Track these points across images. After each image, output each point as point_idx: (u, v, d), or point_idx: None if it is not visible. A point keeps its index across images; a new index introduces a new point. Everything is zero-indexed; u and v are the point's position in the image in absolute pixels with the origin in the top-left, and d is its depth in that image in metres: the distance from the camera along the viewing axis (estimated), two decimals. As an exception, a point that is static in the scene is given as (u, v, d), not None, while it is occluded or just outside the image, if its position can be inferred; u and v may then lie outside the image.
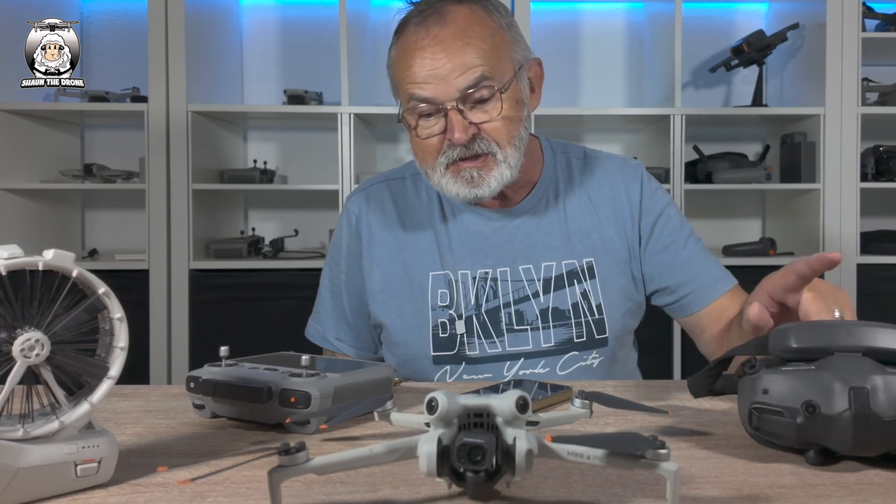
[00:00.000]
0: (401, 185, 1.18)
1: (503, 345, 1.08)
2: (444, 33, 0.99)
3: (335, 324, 1.20)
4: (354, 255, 1.16)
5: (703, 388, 0.73)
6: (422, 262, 1.12)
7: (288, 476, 0.50)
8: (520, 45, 1.05)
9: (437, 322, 1.09)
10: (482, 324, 1.09)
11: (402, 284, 1.12)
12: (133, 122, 2.58)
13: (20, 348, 0.52)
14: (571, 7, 2.87)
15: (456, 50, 0.98)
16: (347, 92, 2.44)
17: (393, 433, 0.72)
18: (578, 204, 1.14)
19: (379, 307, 1.13)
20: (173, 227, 2.44)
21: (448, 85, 0.98)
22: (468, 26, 1.00)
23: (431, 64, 0.98)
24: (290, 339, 1.26)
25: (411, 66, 1.00)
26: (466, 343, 1.08)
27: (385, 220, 1.15)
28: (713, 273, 1.14)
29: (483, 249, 1.11)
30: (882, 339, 0.62)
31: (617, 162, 1.19)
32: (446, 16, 1.00)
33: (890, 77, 2.70)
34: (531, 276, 1.10)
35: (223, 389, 0.75)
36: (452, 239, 1.12)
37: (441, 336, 1.09)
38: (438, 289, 1.10)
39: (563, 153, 1.19)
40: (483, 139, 1.00)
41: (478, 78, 0.98)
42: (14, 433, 0.53)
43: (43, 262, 0.54)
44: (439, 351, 1.09)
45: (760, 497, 0.56)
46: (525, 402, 0.52)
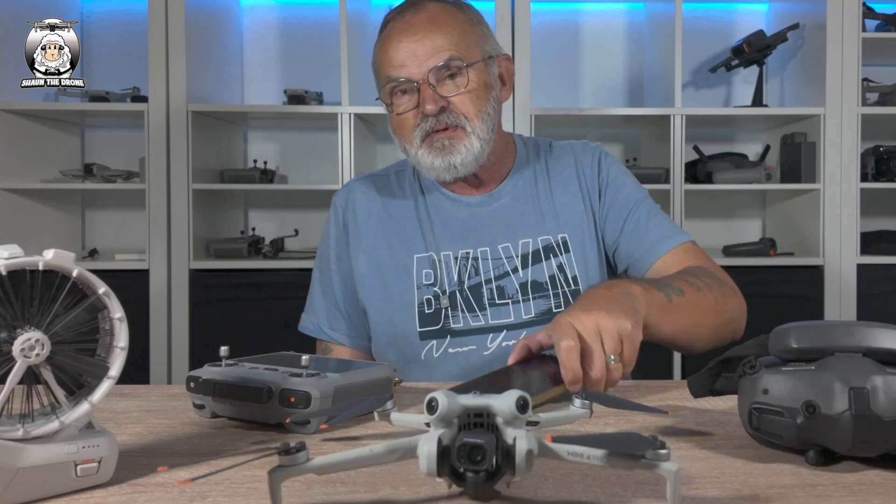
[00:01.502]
0: (384, 180, 1.27)
1: (486, 318, 1.13)
2: (416, 19, 1.11)
3: (328, 314, 1.24)
4: (342, 246, 1.23)
5: (703, 388, 0.74)
6: (406, 246, 1.18)
7: (288, 476, 0.50)
8: (489, 39, 1.17)
9: (422, 299, 1.15)
10: (465, 299, 1.14)
11: (388, 267, 1.18)
12: (133, 121, 2.58)
13: (20, 348, 0.52)
14: (571, 7, 2.87)
15: (428, 33, 1.10)
16: (347, 92, 2.44)
17: (393, 433, 0.72)
18: (549, 186, 1.22)
19: (366, 290, 1.19)
20: (173, 226, 2.44)
21: (420, 63, 1.09)
22: (440, 15, 1.12)
23: (406, 46, 1.10)
24: (290, 339, 1.26)
25: (388, 50, 1.12)
26: (451, 317, 1.14)
27: (370, 210, 1.23)
28: (656, 234, 1.17)
29: (464, 232, 1.18)
30: (882, 340, 0.62)
31: (578, 145, 1.28)
32: (420, 6, 1.13)
33: (890, 77, 2.70)
34: (510, 253, 1.17)
35: (223, 389, 0.75)
36: (434, 225, 1.19)
37: (427, 312, 1.14)
38: (423, 269, 1.17)
39: (534, 145, 1.29)
40: (452, 112, 1.10)
41: (447, 59, 1.09)
42: (14, 433, 0.53)
43: (43, 261, 0.54)
44: (425, 326, 1.14)
45: (760, 497, 0.56)
46: (525, 402, 0.52)
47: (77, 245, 2.75)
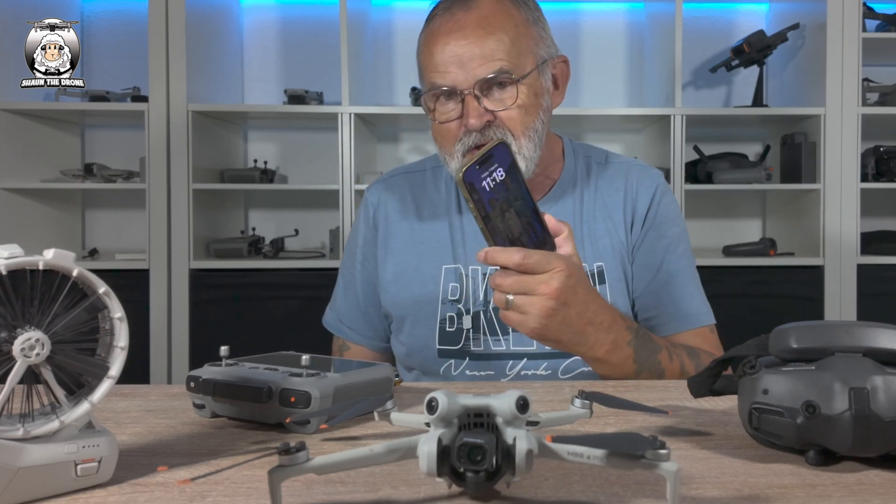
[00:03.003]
0: (420, 178, 1.20)
1: (507, 343, 1.08)
2: (467, 19, 1.00)
3: (349, 313, 1.21)
4: (370, 245, 1.18)
5: (703, 388, 0.73)
6: (435, 255, 1.13)
7: (288, 476, 0.50)
8: (545, 41, 1.06)
9: (444, 316, 1.10)
10: (489, 321, 1.09)
11: (414, 276, 1.13)
12: (133, 121, 2.59)
13: (20, 348, 0.52)
14: (571, 7, 2.87)
15: (478, 38, 0.99)
16: (348, 92, 2.44)
17: (393, 433, 0.72)
18: (594, 207, 1.14)
19: (390, 297, 1.14)
20: (173, 226, 2.44)
21: (467, 72, 0.99)
22: (493, 15, 1.01)
23: (453, 50, 1.00)
24: (290, 338, 1.27)
25: (433, 52, 1.01)
26: (472, 339, 1.09)
27: (402, 211, 1.17)
28: (684, 307, 1.10)
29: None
30: (882, 340, 0.62)
31: (636, 168, 1.17)
32: (472, 4, 1.01)
33: (890, 77, 2.70)
34: None
35: (223, 389, 0.75)
36: (466, 233, 1.13)
37: (448, 330, 1.09)
38: (450, 282, 1.11)
39: (585, 155, 1.19)
40: (498, 127, 1.01)
41: (497, 71, 0.99)
42: (14, 433, 0.53)
43: (43, 261, 0.54)
44: (444, 344, 1.09)
45: (760, 497, 0.56)
46: (525, 403, 0.52)
47: (77, 245, 2.75)
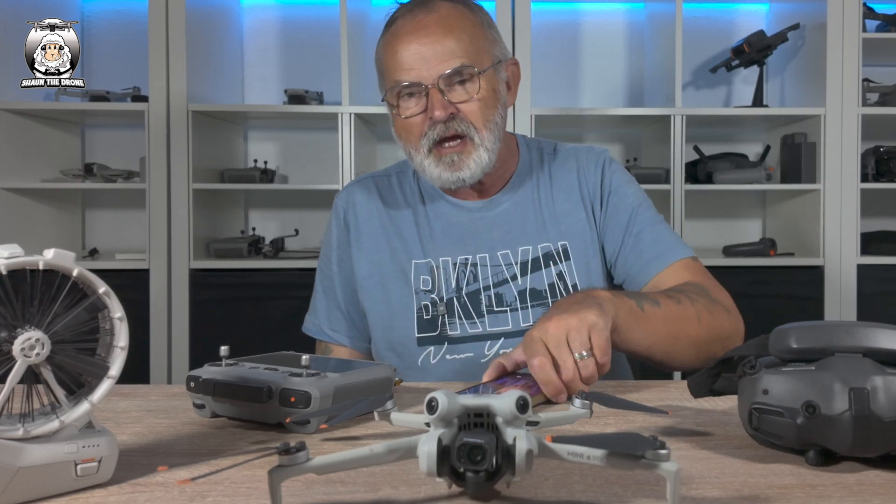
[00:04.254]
0: (386, 181, 1.25)
1: (483, 325, 1.13)
2: (428, 19, 1.07)
3: (330, 315, 1.24)
4: (344, 246, 1.23)
5: (703, 388, 0.74)
6: (405, 251, 1.18)
7: (288, 476, 0.50)
8: (498, 44, 1.14)
9: (420, 305, 1.14)
10: (463, 305, 1.14)
11: (387, 272, 1.18)
12: (133, 121, 2.58)
13: (20, 347, 0.52)
14: (571, 7, 2.87)
15: (439, 36, 1.06)
16: (348, 92, 2.44)
17: (393, 433, 0.72)
18: (551, 192, 1.20)
19: (366, 293, 1.19)
20: (174, 226, 2.44)
21: (431, 68, 1.06)
22: (451, 17, 1.08)
23: (416, 48, 1.06)
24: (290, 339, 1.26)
25: (398, 51, 1.08)
26: (448, 324, 1.13)
27: (370, 212, 1.22)
28: (654, 249, 1.14)
29: (463, 238, 1.17)
30: (882, 340, 0.62)
31: (582, 150, 1.25)
32: (432, 6, 1.09)
33: (890, 77, 2.70)
34: (509, 260, 1.15)
35: (223, 389, 0.75)
36: (434, 230, 1.18)
37: (424, 318, 1.14)
38: (421, 275, 1.16)
39: (537, 148, 1.26)
40: (461, 120, 1.07)
41: (459, 66, 1.06)
42: (14, 432, 0.53)
43: (43, 261, 0.54)
44: (423, 332, 1.14)
45: (760, 497, 0.56)
46: (525, 403, 0.52)
47: (77, 245, 2.75)
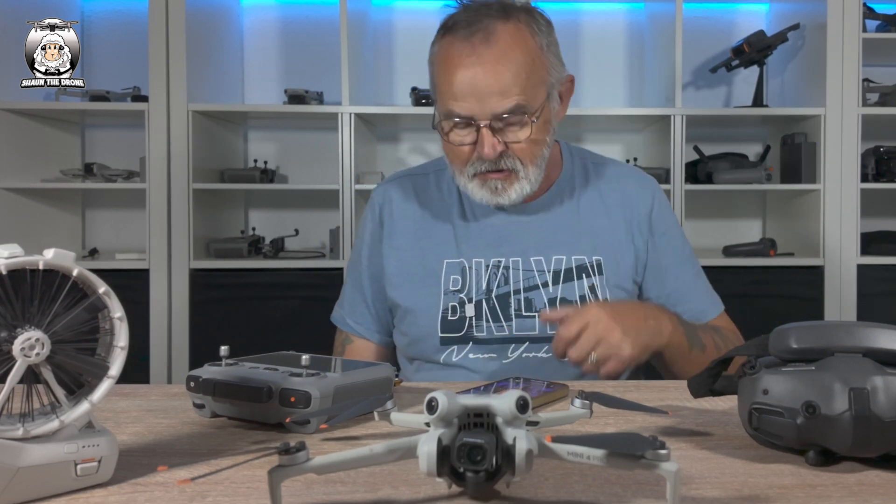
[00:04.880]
0: (423, 180, 1.25)
1: (510, 328, 1.13)
2: (487, 54, 1.03)
3: (354, 307, 1.26)
4: (376, 241, 1.23)
5: (703, 388, 0.74)
6: (438, 251, 1.18)
7: (288, 476, 0.50)
8: (555, 66, 1.11)
9: (447, 305, 1.15)
10: (491, 308, 1.14)
11: (417, 270, 1.18)
12: (134, 121, 2.58)
13: (20, 347, 0.52)
14: (571, 7, 2.87)
15: (496, 74, 1.03)
16: (348, 92, 2.44)
17: (393, 433, 0.72)
18: (591, 205, 1.20)
19: (394, 289, 1.20)
20: (174, 226, 2.44)
21: (484, 105, 1.04)
22: (510, 49, 1.04)
23: (471, 81, 1.03)
24: (290, 338, 1.26)
25: (453, 81, 1.05)
26: (475, 325, 1.13)
27: (406, 210, 1.22)
28: (699, 302, 1.20)
29: (497, 240, 1.17)
30: (882, 340, 0.62)
31: (633, 172, 1.27)
32: (492, 35, 1.04)
33: (890, 78, 2.70)
34: (542, 267, 1.16)
35: (223, 389, 0.75)
36: (469, 230, 1.18)
37: (450, 318, 1.14)
38: (451, 275, 1.16)
39: (581, 158, 1.26)
40: (510, 156, 1.07)
41: (513, 107, 1.04)
42: (14, 432, 0.53)
43: (43, 261, 0.54)
44: (447, 332, 1.14)
45: (760, 497, 0.56)
46: (525, 402, 0.52)
47: (77, 244, 2.75)
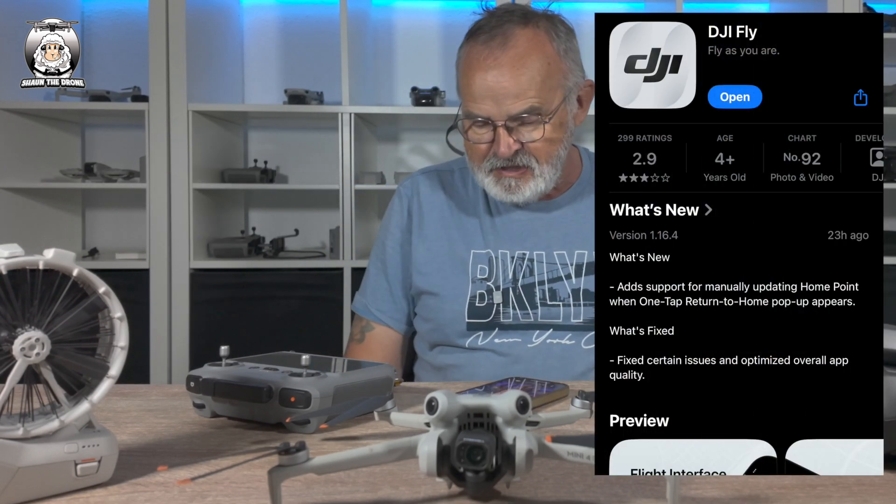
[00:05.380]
0: (449, 177, 1.30)
1: (535, 316, 1.17)
2: (504, 57, 1.09)
3: (378, 296, 1.29)
4: (404, 232, 1.27)
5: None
6: (465, 241, 1.22)
7: (288, 476, 0.50)
8: (573, 72, 1.16)
9: (475, 293, 1.19)
10: (517, 297, 1.18)
11: (445, 259, 1.22)
12: (134, 121, 2.58)
13: (20, 347, 0.52)
14: (571, 7, 2.87)
15: (512, 76, 1.09)
16: (348, 92, 2.44)
17: (393, 433, 0.72)
18: None
19: (422, 277, 1.23)
20: (174, 226, 2.44)
21: (501, 106, 1.09)
22: (527, 54, 1.10)
23: (489, 84, 1.09)
24: (290, 338, 1.27)
25: (472, 83, 1.11)
26: (502, 312, 1.18)
27: (434, 202, 1.27)
28: None
29: (522, 234, 1.22)
30: (882, 340, 0.62)
31: None
32: (510, 40, 1.10)
33: (890, 78, 2.70)
34: (564, 260, 1.20)
35: (223, 389, 0.75)
36: (495, 224, 1.23)
37: (478, 305, 1.18)
38: (479, 264, 1.21)
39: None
40: (525, 154, 1.12)
41: (528, 109, 1.09)
42: (14, 432, 0.53)
43: (43, 261, 0.54)
44: (474, 318, 1.18)
45: (760, 497, 0.56)
46: (525, 402, 0.52)
47: (77, 244, 2.75)
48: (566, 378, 1.06)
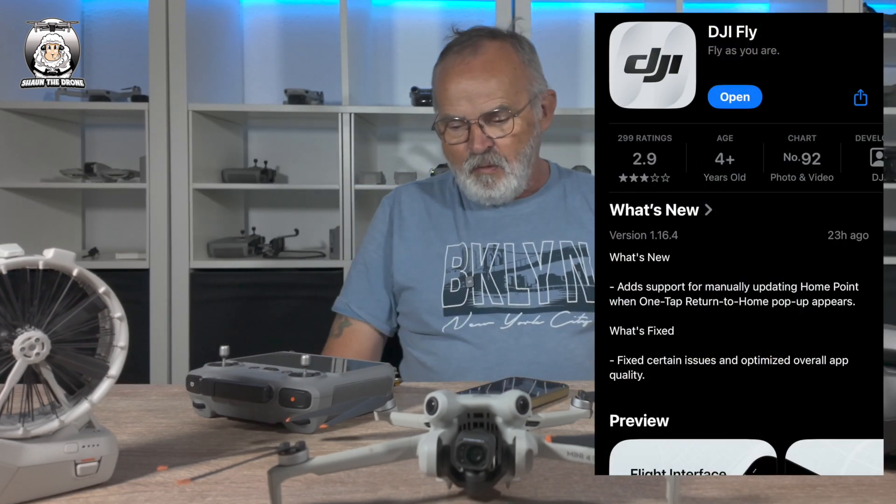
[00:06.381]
0: (429, 187, 1.43)
1: (505, 300, 1.26)
2: (475, 62, 1.24)
3: (359, 294, 1.37)
4: (386, 236, 1.38)
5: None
6: (441, 238, 1.33)
7: (288, 475, 0.50)
8: (536, 80, 1.29)
9: (449, 281, 1.29)
10: (489, 282, 1.28)
11: (424, 255, 1.33)
12: (134, 121, 2.58)
13: (20, 347, 0.52)
14: (571, 7, 2.87)
15: (483, 79, 1.23)
16: (348, 91, 2.44)
17: (393, 433, 0.72)
18: (577, 204, 1.36)
19: (402, 273, 1.34)
20: (174, 226, 2.44)
21: (475, 105, 1.23)
22: (496, 59, 1.25)
23: (463, 87, 1.23)
24: (290, 338, 1.26)
25: (447, 88, 1.25)
26: (474, 296, 1.27)
27: (414, 208, 1.39)
28: None
29: (493, 229, 1.33)
30: (882, 340, 0.62)
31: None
32: (479, 48, 1.25)
33: (890, 78, 2.70)
34: (532, 250, 1.30)
35: (223, 389, 0.75)
36: (469, 221, 1.35)
37: (452, 291, 1.28)
38: (453, 256, 1.31)
39: (568, 173, 1.44)
40: (495, 153, 1.25)
41: (498, 107, 1.23)
42: (14, 432, 0.54)
43: (43, 261, 0.54)
44: (450, 303, 1.27)
45: (760, 497, 0.56)
46: (525, 403, 0.52)
47: (77, 244, 2.75)
48: (541, 356, 1.20)
